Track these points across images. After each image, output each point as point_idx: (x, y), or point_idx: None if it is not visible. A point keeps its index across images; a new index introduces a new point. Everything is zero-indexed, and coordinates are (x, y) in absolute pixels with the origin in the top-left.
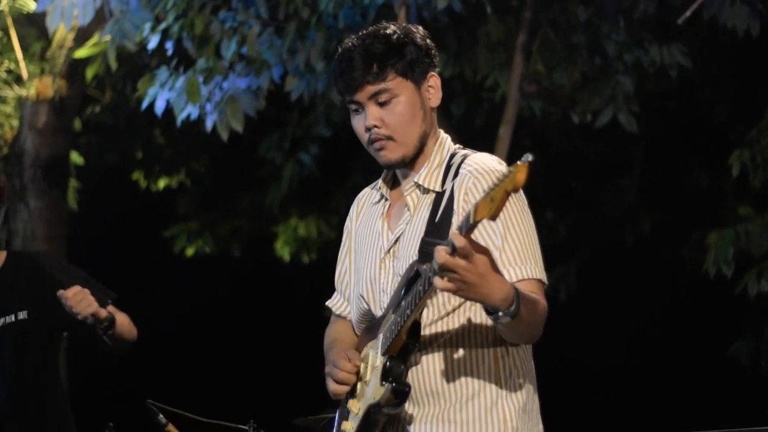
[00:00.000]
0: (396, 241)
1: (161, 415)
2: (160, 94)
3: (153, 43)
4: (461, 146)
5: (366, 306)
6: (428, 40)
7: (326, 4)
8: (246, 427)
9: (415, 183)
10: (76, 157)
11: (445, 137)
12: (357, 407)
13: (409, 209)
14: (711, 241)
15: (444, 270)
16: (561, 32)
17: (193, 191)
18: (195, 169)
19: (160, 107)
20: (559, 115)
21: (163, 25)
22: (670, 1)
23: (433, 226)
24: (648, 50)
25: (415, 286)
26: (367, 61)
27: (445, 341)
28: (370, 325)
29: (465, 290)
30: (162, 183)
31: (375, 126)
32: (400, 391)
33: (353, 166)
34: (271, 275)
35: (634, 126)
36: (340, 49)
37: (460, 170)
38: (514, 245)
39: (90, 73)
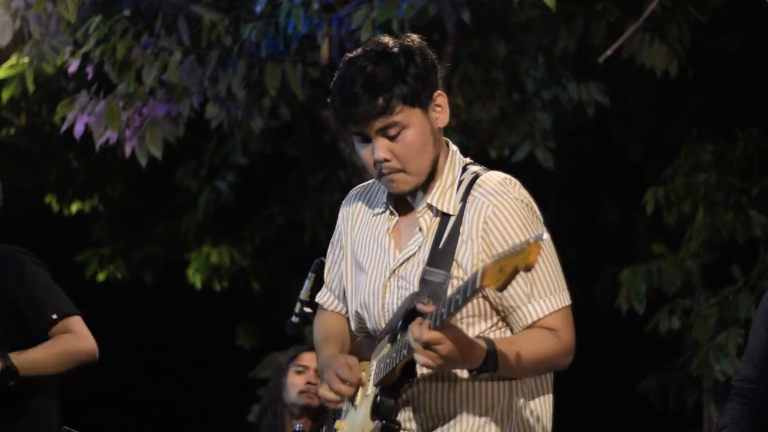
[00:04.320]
0: (403, 262)
1: None
2: (80, 118)
3: (73, 67)
4: (471, 161)
5: (363, 320)
6: (430, 54)
7: (249, 32)
8: None
9: (428, 204)
10: None
11: (454, 150)
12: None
13: (422, 231)
14: (624, 278)
15: (427, 346)
16: (481, 67)
17: (106, 217)
18: (109, 194)
19: (79, 131)
20: (476, 149)
21: (84, 49)
22: (589, 39)
23: (436, 253)
24: (566, 87)
25: (404, 338)
26: (371, 93)
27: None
28: (370, 339)
29: (443, 365)
30: (74, 207)
31: (385, 159)
32: (390, 429)
33: (270, 195)
34: (183, 302)
35: (550, 162)
36: (336, 74)
37: (471, 192)
38: (547, 274)
39: (6, 95)
